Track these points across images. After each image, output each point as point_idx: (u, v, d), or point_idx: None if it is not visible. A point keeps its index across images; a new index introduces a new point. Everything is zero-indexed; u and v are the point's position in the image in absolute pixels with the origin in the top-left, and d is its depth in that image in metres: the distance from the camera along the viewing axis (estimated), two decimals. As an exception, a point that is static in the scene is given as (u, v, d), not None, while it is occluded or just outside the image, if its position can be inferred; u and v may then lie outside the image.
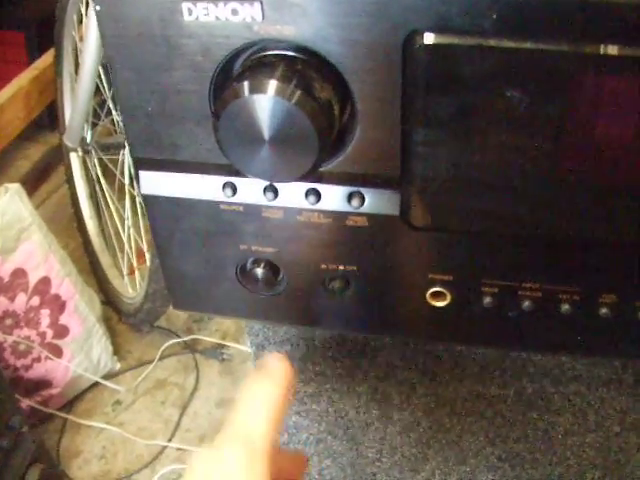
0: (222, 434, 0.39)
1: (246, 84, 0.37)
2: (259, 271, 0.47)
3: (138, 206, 1.45)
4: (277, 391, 0.40)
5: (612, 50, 0.35)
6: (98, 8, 0.40)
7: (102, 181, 1.58)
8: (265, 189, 0.43)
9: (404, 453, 0.67)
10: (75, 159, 1.63)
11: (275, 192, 0.43)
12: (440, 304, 0.46)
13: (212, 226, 0.46)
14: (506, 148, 0.38)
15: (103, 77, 1.40)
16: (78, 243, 1.72)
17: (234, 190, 0.44)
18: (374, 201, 0.42)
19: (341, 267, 0.45)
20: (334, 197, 0.42)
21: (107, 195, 1.59)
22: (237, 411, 0.39)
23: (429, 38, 0.35)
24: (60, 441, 1.50)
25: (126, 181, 1.50)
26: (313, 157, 0.37)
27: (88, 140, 1.50)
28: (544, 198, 0.41)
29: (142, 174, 0.46)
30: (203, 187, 0.45)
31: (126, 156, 1.46)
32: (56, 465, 1.44)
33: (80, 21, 1.49)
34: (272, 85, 0.36)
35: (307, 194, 0.43)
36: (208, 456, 0.38)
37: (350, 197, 0.42)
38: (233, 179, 0.44)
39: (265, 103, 0.36)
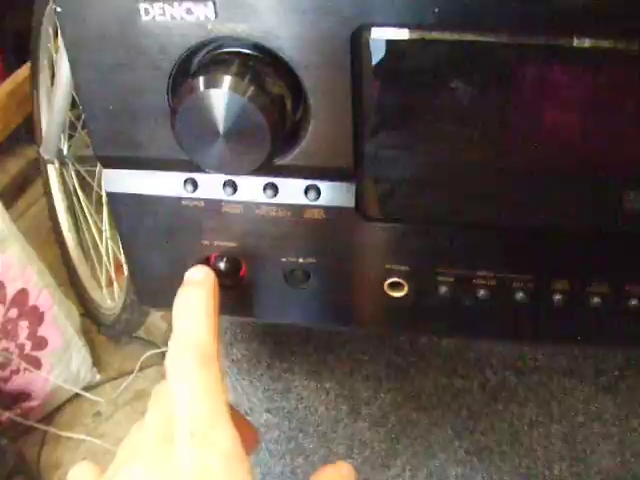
0: (170, 349, 0.40)
1: (201, 79, 0.38)
2: (221, 265, 0.48)
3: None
4: (207, 294, 0.43)
5: (553, 40, 0.37)
6: (59, 10, 0.41)
7: (79, 193, 1.59)
8: (224, 184, 0.44)
9: (374, 448, 0.68)
10: (52, 171, 1.64)
11: (234, 187, 0.44)
12: (398, 294, 0.47)
13: (175, 222, 0.47)
14: (453, 139, 0.40)
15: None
16: (56, 255, 1.72)
17: (195, 186, 0.45)
18: (330, 194, 0.43)
19: (300, 260, 0.47)
20: (291, 191, 0.44)
21: (85, 207, 1.59)
22: (176, 323, 0.41)
23: (375, 33, 0.37)
24: (40, 453, 1.50)
25: (104, 193, 1.50)
26: (266, 150, 0.38)
27: (65, 152, 1.50)
28: (493, 188, 0.42)
29: (106, 172, 0.47)
30: (165, 183, 0.46)
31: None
32: (36, 477, 1.44)
33: (56, 34, 1.50)
34: (226, 80, 0.37)
35: (265, 188, 0.44)
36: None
37: (307, 190, 0.43)
38: (194, 175, 0.45)
39: (219, 98, 0.38)
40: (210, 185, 0.45)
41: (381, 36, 0.37)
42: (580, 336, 0.49)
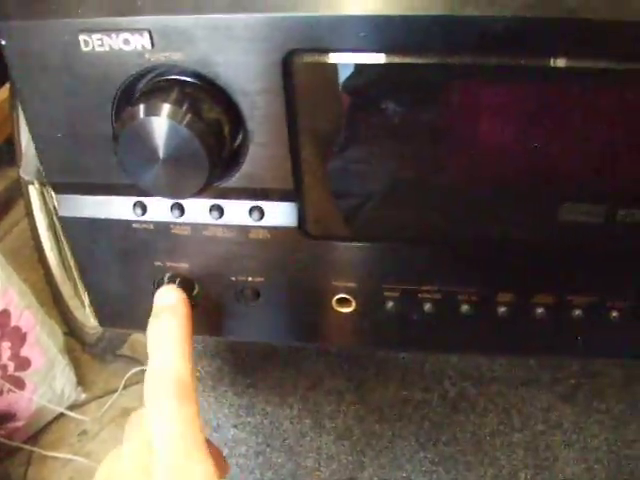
0: (147, 381, 0.41)
1: (141, 107, 0.39)
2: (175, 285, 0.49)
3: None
4: (181, 323, 0.43)
5: (480, 59, 0.38)
6: (4, 42, 0.42)
7: (60, 213, 1.59)
8: (172, 207, 0.46)
9: (341, 461, 0.69)
10: (33, 191, 1.65)
11: (181, 209, 0.45)
12: (346, 310, 0.48)
13: (127, 245, 0.48)
14: (388, 157, 0.41)
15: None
16: (40, 275, 1.73)
17: (144, 209, 0.46)
18: (273, 214, 0.44)
19: (249, 279, 0.48)
20: (236, 212, 0.45)
21: (66, 226, 1.59)
22: (152, 354, 0.42)
23: (305, 57, 0.38)
24: (26, 474, 1.51)
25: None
26: (204, 175, 0.40)
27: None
28: (432, 203, 0.44)
29: (59, 197, 0.48)
30: (115, 207, 0.47)
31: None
32: (22, 498, 1.44)
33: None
34: (164, 108, 0.39)
35: (211, 210, 0.45)
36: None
37: (251, 211, 0.45)
38: (142, 199, 0.46)
39: (158, 125, 0.39)
40: (158, 208, 0.46)
41: (310, 60, 0.38)
42: (527, 346, 0.50)
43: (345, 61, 0.38)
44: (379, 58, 0.38)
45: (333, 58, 0.38)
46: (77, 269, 0.51)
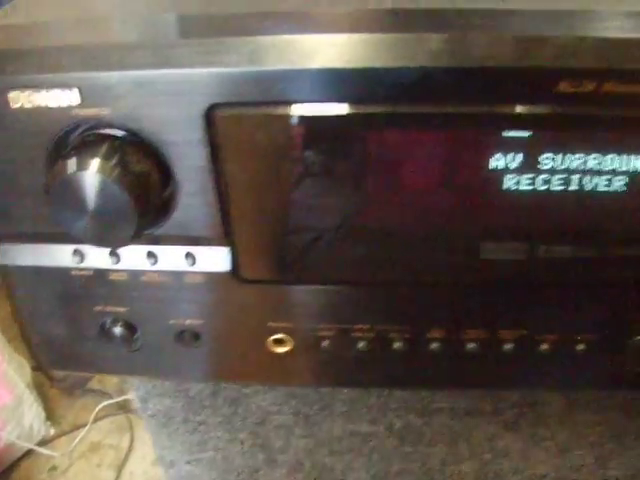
0: None
1: (71, 161, 0.40)
2: (116, 330, 0.50)
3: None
4: None
5: (400, 109, 0.40)
6: None
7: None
8: (110, 253, 0.47)
9: (295, 495, 0.69)
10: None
11: (118, 256, 0.47)
12: (282, 350, 0.49)
13: (67, 291, 0.49)
14: (310, 203, 0.43)
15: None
16: (7, 312, 1.72)
17: (82, 257, 0.47)
18: (207, 259, 0.46)
19: (188, 321, 0.49)
20: (171, 258, 0.46)
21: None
22: None
23: (225, 110, 0.40)
24: (-4, 511, 1.49)
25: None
26: (133, 226, 0.41)
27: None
28: (358, 246, 0.45)
29: (-1, 246, 0.49)
30: (55, 255, 0.48)
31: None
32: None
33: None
34: (94, 162, 0.40)
35: (147, 256, 0.46)
36: None
37: (185, 257, 0.46)
38: (80, 246, 0.47)
39: (88, 179, 0.40)
40: (96, 255, 0.47)
41: (230, 114, 0.40)
42: (462, 380, 0.52)
43: (264, 113, 0.40)
44: (297, 110, 0.39)
45: (252, 111, 0.40)
46: (20, 315, 0.52)
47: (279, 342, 0.49)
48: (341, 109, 0.40)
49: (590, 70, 0.38)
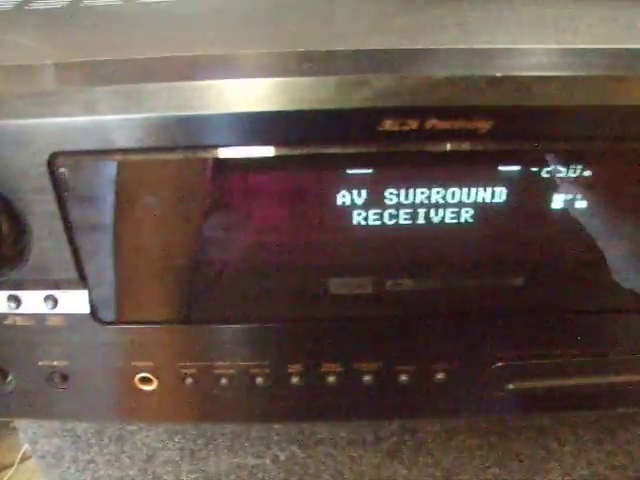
0: None
1: None
2: None
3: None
4: None
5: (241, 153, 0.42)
6: None
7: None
8: (-27, 299, 0.48)
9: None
10: None
11: (-19, 301, 0.48)
12: (149, 388, 0.51)
13: None
14: (153, 244, 0.45)
15: None
16: None
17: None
18: (66, 302, 0.47)
19: (55, 363, 0.50)
20: (32, 301, 0.48)
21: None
22: None
23: (66, 159, 0.42)
24: None
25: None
26: (-18, 273, 0.43)
27: None
28: (199, 286, 0.47)
29: None
30: None
31: None
32: None
33: None
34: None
35: (8, 300, 0.48)
36: None
37: (46, 300, 0.48)
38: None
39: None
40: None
41: (71, 162, 0.42)
42: (322, 413, 0.54)
43: (105, 161, 0.42)
44: (133, 155, 0.42)
45: (92, 159, 0.42)
46: None
47: (145, 380, 0.51)
48: (173, 154, 0.42)
49: (412, 109, 0.41)
